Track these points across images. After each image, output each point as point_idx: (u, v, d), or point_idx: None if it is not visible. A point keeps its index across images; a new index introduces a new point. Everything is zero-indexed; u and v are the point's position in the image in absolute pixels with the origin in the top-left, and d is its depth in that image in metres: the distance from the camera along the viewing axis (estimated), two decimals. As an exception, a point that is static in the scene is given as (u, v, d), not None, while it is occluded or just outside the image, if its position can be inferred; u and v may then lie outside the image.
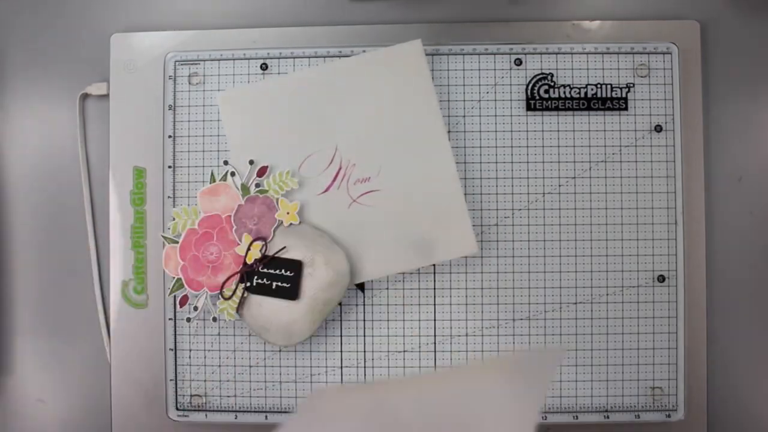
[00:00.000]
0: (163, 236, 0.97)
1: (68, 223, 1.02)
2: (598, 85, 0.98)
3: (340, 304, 0.97)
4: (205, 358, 0.99)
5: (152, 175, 0.99)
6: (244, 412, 0.98)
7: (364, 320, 0.98)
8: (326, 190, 0.96)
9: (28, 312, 1.03)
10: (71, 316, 1.02)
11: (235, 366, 0.98)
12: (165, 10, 1.03)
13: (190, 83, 1.00)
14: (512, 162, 0.98)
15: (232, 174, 0.96)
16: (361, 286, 0.98)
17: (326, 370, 0.98)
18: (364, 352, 0.98)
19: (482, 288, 0.97)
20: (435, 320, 0.97)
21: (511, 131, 0.98)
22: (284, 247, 0.94)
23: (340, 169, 0.96)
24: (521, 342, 0.97)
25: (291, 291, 0.94)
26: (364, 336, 0.98)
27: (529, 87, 0.98)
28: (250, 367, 0.98)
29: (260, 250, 0.94)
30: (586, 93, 0.98)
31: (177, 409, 0.99)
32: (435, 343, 0.98)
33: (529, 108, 0.98)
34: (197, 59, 1.00)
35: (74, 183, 1.02)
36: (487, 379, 0.63)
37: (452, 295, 0.98)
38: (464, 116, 0.98)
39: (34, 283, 1.03)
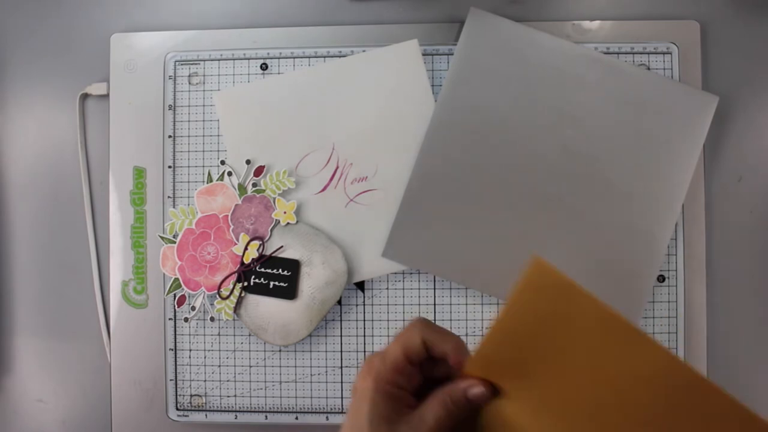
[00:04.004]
0: (160, 236, 0.97)
1: (68, 223, 1.02)
2: (598, 85, 0.98)
3: (339, 303, 0.97)
4: (205, 358, 0.99)
5: (152, 175, 1.00)
6: (244, 412, 0.98)
7: (364, 320, 0.98)
8: (323, 190, 0.96)
9: (28, 312, 1.03)
10: (71, 316, 1.02)
11: (235, 366, 0.98)
12: (165, 10, 1.03)
13: (190, 83, 1.00)
14: (511, 162, 0.98)
15: (229, 174, 0.96)
16: (361, 286, 0.98)
17: (326, 370, 0.98)
18: (364, 352, 0.98)
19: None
20: (434, 320, 0.97)
21: (510, 131, 0.98)
22: (281, 247, 0.94)
23: (337, 168, 0.96)
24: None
25: (288, 290, 0.94)
26: (364, 336, 0.98)
27: (529, 87, 0.99)
28: (250, 367, 0.98)
29: (257, 250, 0.94)
30: (585, 93, 0.98)
31: (177, 409, 0.99)
32: (435, 344, 0.97)
33: (528, 108, 0.99)
34: (197, 59, 1.00)
35: (74, 183, 1.02)
36: None
37: (452, 294, 0.97)
38: (463, 116, 0.98)
39: (34, 283, 1.03)
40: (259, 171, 0.96)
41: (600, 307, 0.64)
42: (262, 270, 0.95)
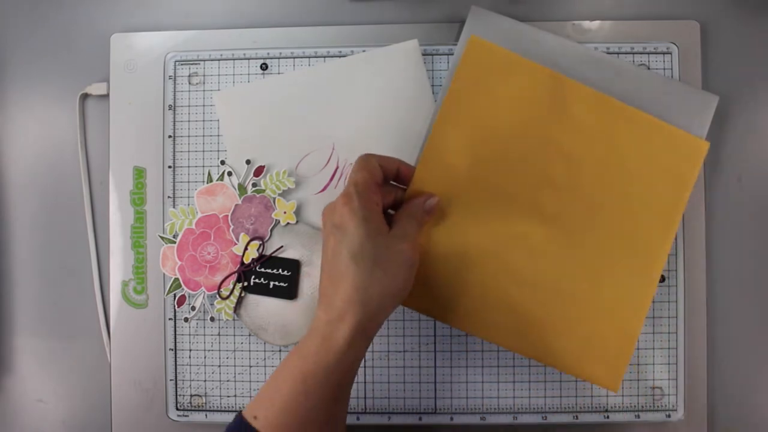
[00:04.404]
0: (160, 236, 0.97)
1: (68, 223, 1.02)
2: (598, 85, 0.98)
3: (339, 303, 0.97)
4: (205, 358, 0.98)
5: (152, 175, 1.00)
6: (244, 412, 0.98)
7: (364, 320, 0.98)
8: (323, 190, 0.96)
9: (28, 312, 1.03)
10: (71, 316, 1.02)
11: (235, 366, 0.98)
12: (165, 10, 1.03)
13: (190, 83, 1.00)
14: (511, 162, 0.98)
15: (229, 174, 0.96)
16: (360, 286, 0.98)
17: (326, 370, 0.98)
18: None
19: (481, 288, 0.97)
20: (435, 322, 0.97)
21: (510, 131, 0.98)
22: (281, 247, 0.94)
23: (337, 168, 0.96)
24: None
25: (289, 290, 0.94)
26: (364, 336, 0.98)
27: (529, 86, 0.99)
28: (250, 367, 0.98)
29: (257, 250, 0.94)
30: (585, 92, 0.98)
31: (177, 409, 0.99)
32: (435, 343, 0.97)
33: (528, 107, 0.99)
34: (197, 59, 1.00)
35: (74, 183, 1.02)
36: None
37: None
38: (463, 116, 0.98)
39: (34, 283, 1.03)
40: (259, 171, 0.96)
41: (530, 65, 0.92)
42: (262, 270, 0.95)
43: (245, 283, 0.95)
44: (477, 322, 0.90)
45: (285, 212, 0.95)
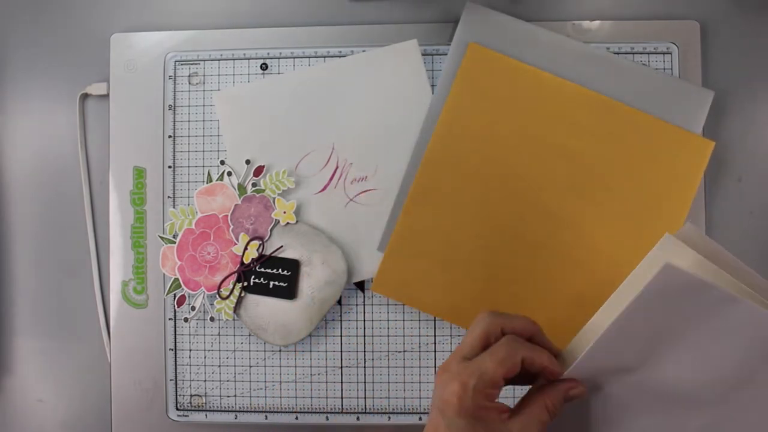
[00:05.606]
0: (160, 236, 0.97)
1: (68, 223, 1.02)
2: (598, 85, 0.98)
3: (339, 303, 0.97)
4: (205, 358, 0.99)
5: (152, 175, 1.00)
6: (244, 412, 0.98)
7: (364, 320, 0.98)
8: (323, 190, 0.96)
9: (28, 312, 1.03)
10: (71, 316, 1.02)
11: (235, 366, 0.98)
12: (165, 10, 1.03)
13: (190, 83, 1.00)
14: (511, 162, 0.98)
15: (229, 174, 0.96)
16: (361, 286, 0.98)
17: (326, 370, 0.98)
18: (364, 352, 0.98)
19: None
20: (435, 320, 0.97)
21: (510, 131, 0.98)
22: (281, 247, 0.94)
23: (336, 168, 0.96)
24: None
25: (288, 290, 0.94)
26: (364, 336, 0.98)
27: (529, 86, 0.98)
28: (250, 367, 0.98)
29: (257, 250, 0.94)
30: (585, 92, 0.98)
31: (177, 409, 0.99)
32: (435, 343, 0.97)
33: (528, 107, 0.99)
34: (197, 59, 1.00)
35: (74, 183, 1.02)
36: None
37: (451, 295, 0.97)
38: (463, 116, 0.98)
39: (34, 283, 1.03)
40: (258, 171, 0.96)
41: (531, 70, 0.94)
42: (262, 270, 0.95)
43: (245, 283, 0.95)
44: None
45: (285, 212, 0.95)
